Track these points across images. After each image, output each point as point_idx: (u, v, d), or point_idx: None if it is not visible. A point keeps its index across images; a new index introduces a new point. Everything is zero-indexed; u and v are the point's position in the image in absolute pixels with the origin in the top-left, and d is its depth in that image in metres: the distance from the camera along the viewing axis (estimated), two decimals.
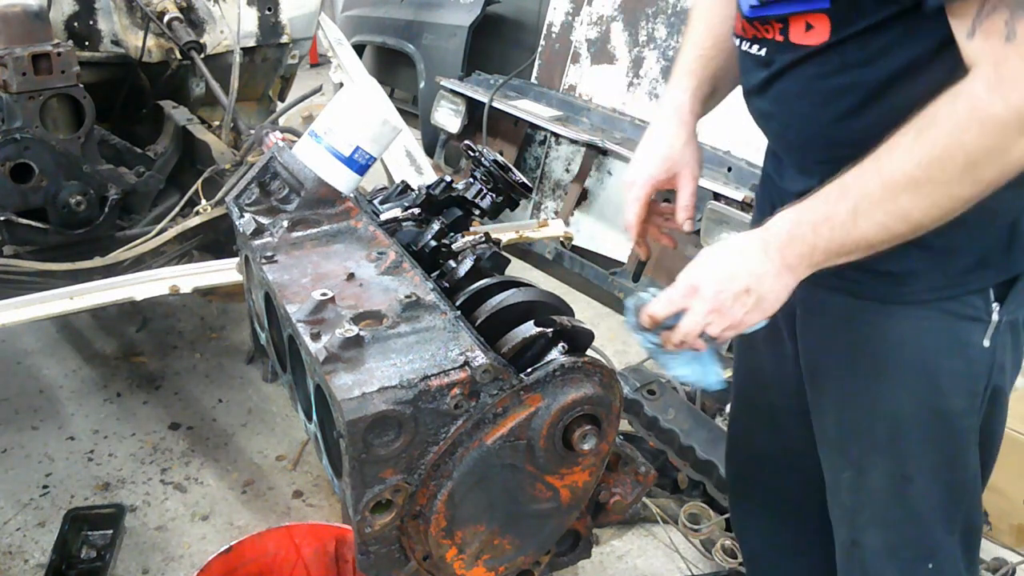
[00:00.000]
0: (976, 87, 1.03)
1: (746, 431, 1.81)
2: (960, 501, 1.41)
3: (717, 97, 1.53)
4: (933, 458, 1.37)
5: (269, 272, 1.37)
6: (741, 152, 3.51)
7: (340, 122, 1.51)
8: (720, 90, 1.53)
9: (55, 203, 2.67)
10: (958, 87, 1.04)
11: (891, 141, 1.09)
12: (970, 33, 1.03)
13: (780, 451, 1.69)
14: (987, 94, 1.02)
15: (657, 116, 1.53)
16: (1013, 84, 1.00)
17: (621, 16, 4.13)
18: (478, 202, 1.58)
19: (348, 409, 1.04)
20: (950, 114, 1.04)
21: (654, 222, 1.57)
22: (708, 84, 1.51)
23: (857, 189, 1.11)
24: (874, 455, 1.41)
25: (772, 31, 1.24)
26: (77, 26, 2.97)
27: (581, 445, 1.18)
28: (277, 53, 3.56)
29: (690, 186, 1.50)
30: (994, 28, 1.01)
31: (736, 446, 1.85)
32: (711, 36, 1.49)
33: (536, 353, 1.19)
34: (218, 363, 3.48)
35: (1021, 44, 0.99)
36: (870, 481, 1.42)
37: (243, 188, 1.58)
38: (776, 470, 1.73)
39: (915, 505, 1.40)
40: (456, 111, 4.54)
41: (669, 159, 1.50)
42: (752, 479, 1.83)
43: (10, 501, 2.70)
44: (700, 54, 1.51)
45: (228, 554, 1.95)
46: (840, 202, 1.12)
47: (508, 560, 1.29)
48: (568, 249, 3.98)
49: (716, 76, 1.50)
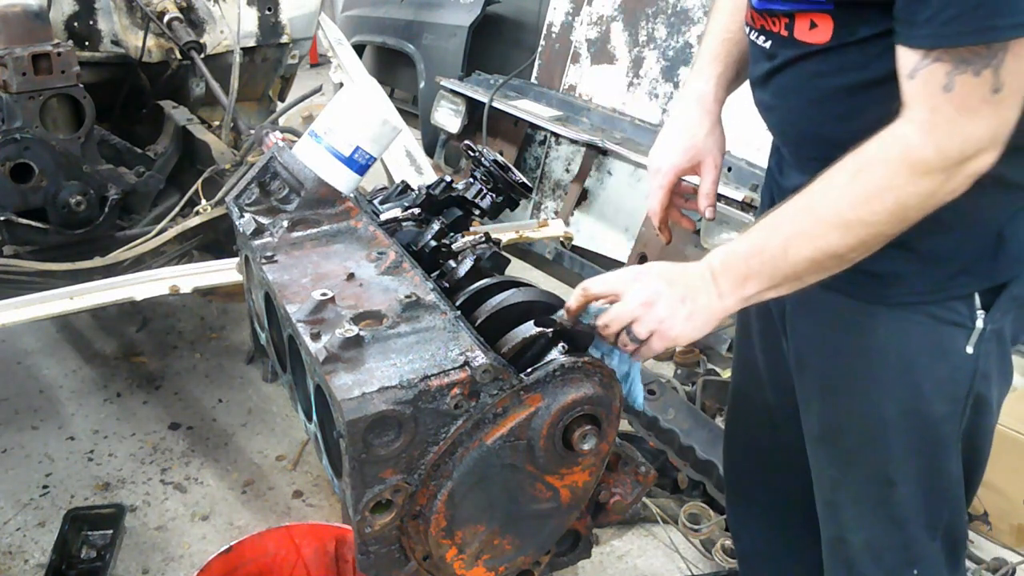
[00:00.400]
0: (909, 131, 1.07)
1: (743, 429, 1.81)
2: (942, 508, 1.41)
3: (741, 79, 1.54)
4: (915, 463, 1.37)
5: (269, 272, 1.37)
6: (741, 152, 3.51)
7: (340, 122, 1.51)
8: (744, 73, 1.52)
9: (55, 203, 2.67)
10: (892, 129, 1.09)
11: (825, 179, 1.13)
12: (911, 74, 1.07)
13: (776, 449, 1.70)
14: (920, 139, 1.06)
15: (681, 101, 1.55)
16: (946, 132, 1.05)
17: (621, 16, 4.13)
18: (478, 202, 1.58)
19: (348, 409, 1.04)
20: (884, 159, 1.09)
21: (675, 203, 1.59)
22: (733, 69, 1.52)
23: (790, 225, 1.15)
24: (857, 455, 1.41)
25: (778, 25, 1.25)
26: (77, 26, 2.97)
27: (581, 445, 1.18)
28: (277, 53, 3.56)
29: (712, 174, 1.53)
30: (935, 76, 1.05)
31: (733, 444, 1.86)
32: (737, 20, 1.48)
33: (536, 353, 1.19)
34: (218, 363, 3.48)
35: (957, 96, 1.04)
36: (853, 481, 1.43)
37: (243, 188, 1.58)
38: (772, 468, 1.73)
39: (897, 509, 1.40)
40: (456, 111, 4.54)
41: (693, 148, 1.52)
42: (748, 477, 1.83)
43: (10, 501, 2.70)
44: (727, 37, 1.52)
45: (228, 554, 1.95)
46: (772, 236, 1.16)
47: (508, 560, 1.29)
48: (568, 249, 3.98)
49: (741, 61, 1.51)
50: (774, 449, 1.71)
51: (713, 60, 1.52)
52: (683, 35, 3.85)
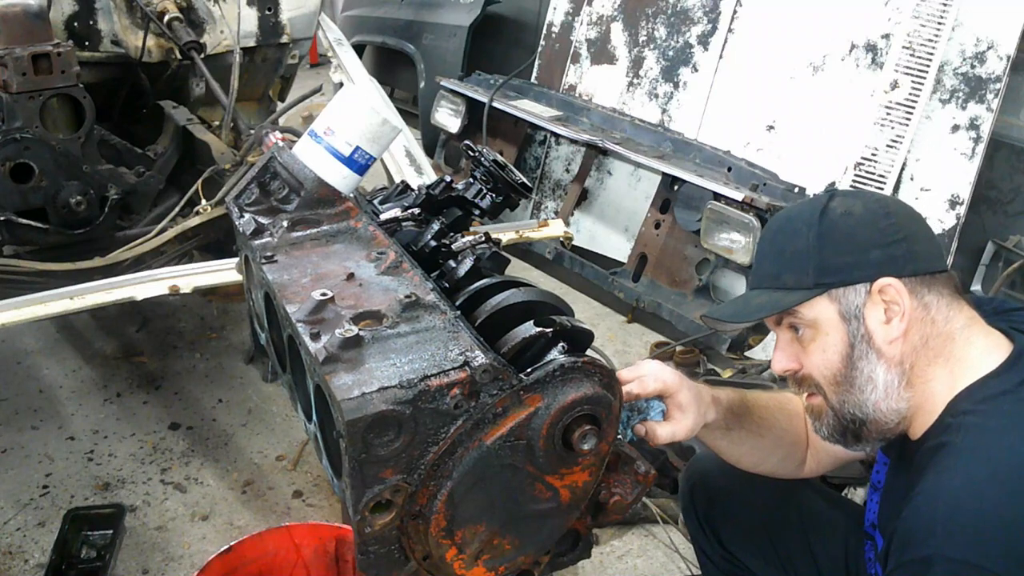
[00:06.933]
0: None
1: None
2: None
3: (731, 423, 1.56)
4: None
5: (269, 272, 1.37)
6: (741, 152, 3.51)
7: (340, 122, 1.51)
8: (734, 424, 1.56)
9: (55, 203, 2.67)
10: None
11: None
12: None
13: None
14: None
15: None
16: None
17: (621, 16, 4.13)
18: (478, 202, 1.58)
19: (348, 409, 1.04)
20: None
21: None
22: (732, 414, 1.55)
23: None
24: None
25: None
26: (77, 26, 2.97)
27: (581, 445, 1.18)
28: (277, 53, 3.57)
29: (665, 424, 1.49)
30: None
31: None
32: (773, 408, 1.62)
33: (536, 353, 1.19)
34: (218, 363, 3.48)
35: None
36: None
37: (243, 188, 1.58)
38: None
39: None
40: (456, 111, 4.54)
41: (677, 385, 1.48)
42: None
43: (10, 501, 2.70)
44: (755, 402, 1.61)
45: (228, 554, 1.95)
46: None
47: (508, 560, 1.29)
48: (568, 249, 3.98)
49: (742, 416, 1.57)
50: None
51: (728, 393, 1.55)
52: (683, 35, 3.85)
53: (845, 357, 1.29)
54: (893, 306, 1.25)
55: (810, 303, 1.29)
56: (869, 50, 3.23)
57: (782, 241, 1.35)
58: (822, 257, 1.28)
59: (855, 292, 1.27)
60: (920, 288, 1.26)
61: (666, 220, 3.68)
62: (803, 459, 1.64)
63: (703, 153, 3.57)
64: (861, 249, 1.27)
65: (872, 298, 1.26)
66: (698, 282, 3.53)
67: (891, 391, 1.28)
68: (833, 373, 1.31)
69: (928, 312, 1.27)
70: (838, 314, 1.28)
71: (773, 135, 3.45)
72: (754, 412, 1.55)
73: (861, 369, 1.28)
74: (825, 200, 1.33)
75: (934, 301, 1.27)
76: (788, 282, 1.31)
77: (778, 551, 1.68)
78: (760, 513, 1.70)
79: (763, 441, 1.57)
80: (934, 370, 1.27)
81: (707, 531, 1.79)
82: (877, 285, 1.25)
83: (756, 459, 1.60)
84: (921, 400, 1.28)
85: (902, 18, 3.14)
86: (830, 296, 1.28)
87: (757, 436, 1.56)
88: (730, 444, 1.56)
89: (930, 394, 1.28)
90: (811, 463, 1.65)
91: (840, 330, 1.28)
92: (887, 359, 1.27)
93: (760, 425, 1.56)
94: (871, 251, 1.27)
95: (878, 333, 1.26)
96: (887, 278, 1.25)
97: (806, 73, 3.39)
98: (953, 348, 1.27)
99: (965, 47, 3.08)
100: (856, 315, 1.27)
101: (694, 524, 1.82)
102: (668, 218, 3.66)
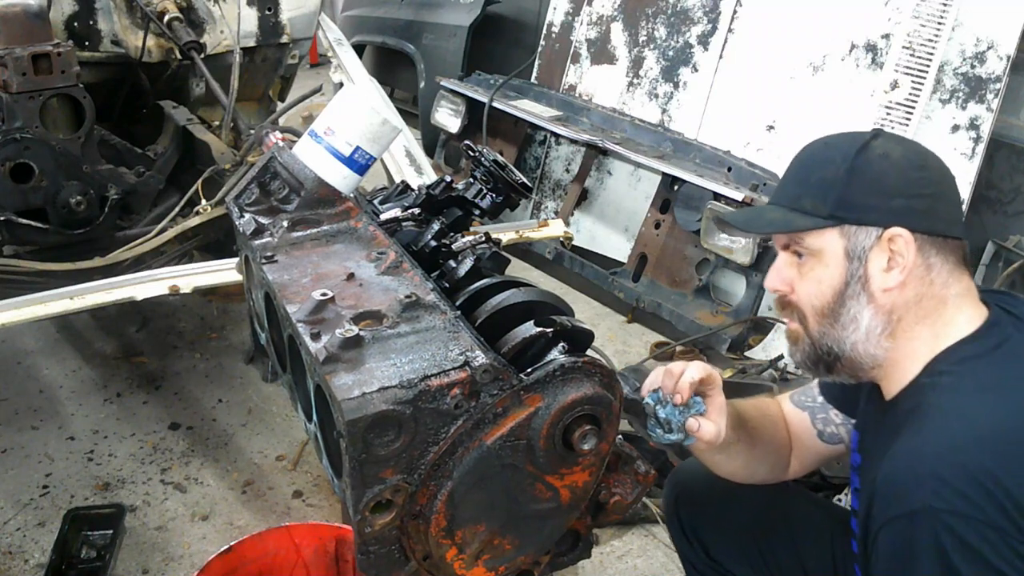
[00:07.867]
0: None
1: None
2: None
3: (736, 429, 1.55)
4: None
5: (269, 272, 1.37)
6: (741, 152, 3.51)
7: (340, 122, 1.51)
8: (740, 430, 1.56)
9: (55, 203, 2.67)
10: None
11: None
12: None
13: None
14: None
15: None
16: None
17: (621, 16, 4.13)
18: (478, 202, 1.58)
19: (348, 409, 1.04)
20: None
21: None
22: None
23: None
24: None
25: None
26: (77, 26, 2.97)
27: (581, 445, 1.18)
28: (277, 53, 3.57)
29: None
30: None
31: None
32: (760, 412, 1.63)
33: (536, 353, 1.19)
34: (218, 363, 3.48)
35: None
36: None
37: (243, 188, 1.58)
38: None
39: None
40: (456, 111, 4.54)
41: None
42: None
43: (10, 501, 2.70)
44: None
45: (228, 554, 1.95)
46: None
47: (508, 560, 1.29)
48: (568, 249, 3.98)
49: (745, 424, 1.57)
50: None
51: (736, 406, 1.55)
52: (683, 35, 3.85)
53: (838, 293, 1.30)
54: (898, 257, 1.26)
55: (821, 232, 1.30)
56: (869, 50, 3.23)
57: (812, 165, 1.35)
58: (847, 191, 1.28)
59: (866, 233, 1.27)
60: (929, 247, 1.27)
61: (666, 220, 3.68)
62: (788, 463, 1.65)
63: (703, 153, 3.57)
64: (886, 194, 1.27)
65: (880, 244, 1.26)
66: (698, 282, 3.54)
67: (872, 336, 1.29)
68: (822, 305, 1.31)
69: (929, 272, 1.27)
70: (844, 250, 1.29)
71: (773, 135, 3.45)
72: (746, 424, 1.56)
73: (849, 308, 1.29)
74: (868, 138, 1.32)
75: (938, 264, 1.27)
76: (806, 206, 1.31)
77: (766, 558, 1.68)
78: (746, 521, 1.70)
79: (755, 452, 1.57)
80: (919, 329, 1.28)
81: (693, 542, 1.78)
82: (889, 233, 1.26)
83: (750, 471, 1.60)
84: (900, 356, 1.29)
85: (902, 18, 3.14)
86: (841, 231, 1.28)
87: (750, 447, 1.56)
88: (727, 458, 1.56)
89: (910, 351, 1.29)
90: (795, 465, 1.65)
91: (841, 266, 1.29)
92: (876, 305, 1.28)
93: (752, 436, 1.56)
94: (895, 198, 1.27)
95: (875, 279, 1.27)
96: (900, 228, 1.25)
97: (806, 73, 3.39)
98: (943, 312, 1.28)
99: (965, 47, 3.09)
100: (860, 256, 1.28)
101: (679, 535, 1.81)
102: (668, 218, 3.66)
